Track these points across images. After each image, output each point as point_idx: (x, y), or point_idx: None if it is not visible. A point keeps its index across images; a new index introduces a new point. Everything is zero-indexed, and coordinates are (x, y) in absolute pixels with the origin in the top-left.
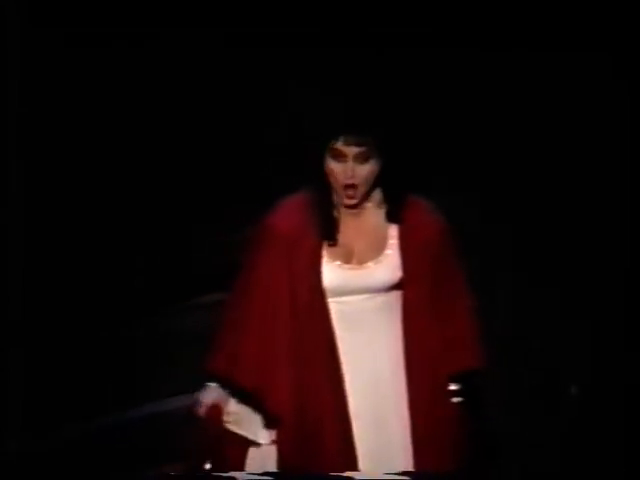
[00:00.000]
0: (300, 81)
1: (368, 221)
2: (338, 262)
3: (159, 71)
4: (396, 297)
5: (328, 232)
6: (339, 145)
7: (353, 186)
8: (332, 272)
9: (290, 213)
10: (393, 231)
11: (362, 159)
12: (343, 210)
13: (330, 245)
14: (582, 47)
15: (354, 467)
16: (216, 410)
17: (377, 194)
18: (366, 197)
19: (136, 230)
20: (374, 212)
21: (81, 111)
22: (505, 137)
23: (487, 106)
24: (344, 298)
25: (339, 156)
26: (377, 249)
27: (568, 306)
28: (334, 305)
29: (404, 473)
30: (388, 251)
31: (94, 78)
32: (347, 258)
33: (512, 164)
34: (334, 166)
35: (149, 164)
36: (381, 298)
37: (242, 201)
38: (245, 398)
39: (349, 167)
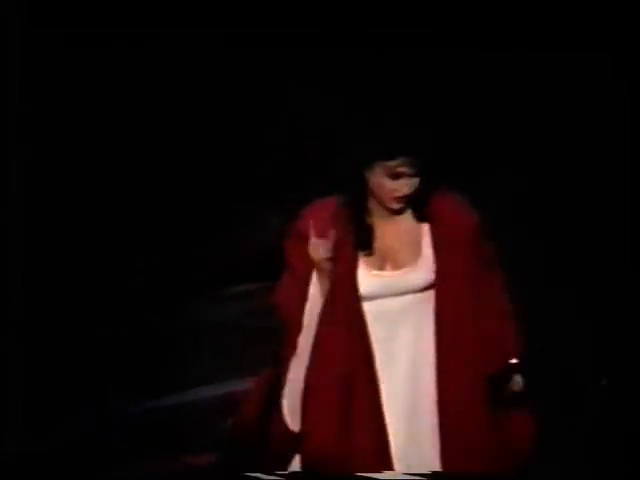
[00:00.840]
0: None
1: (402, 225)
2: (375, 271)
3: (160, 70)
4: (431, 295)
5: (365, 242)
6: (396, 165)
7: (404, 199)
8: (368, 280)
9: (324, 222)
10: (426, 231)
11: (415, 175)
12: (377, 216)
13: (366, 255)
14: (582, 47)
15: (389, 467)
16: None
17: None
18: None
19: (154, 222)
20: (407, 215)
21: (81, 110)
22: (510, 136)
23: (490, 109)
24: (380, 301)
25: (395, 175)
26: (412, 252)
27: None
28: (370, 307)
29: (430, 475)
30: (423, 253)
31: (95, 78)
32: (382, 265)
33: (517, 163)
34: (387, 182)
35: (149, 163)
36: (417, 297)
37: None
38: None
39: (403, 183)
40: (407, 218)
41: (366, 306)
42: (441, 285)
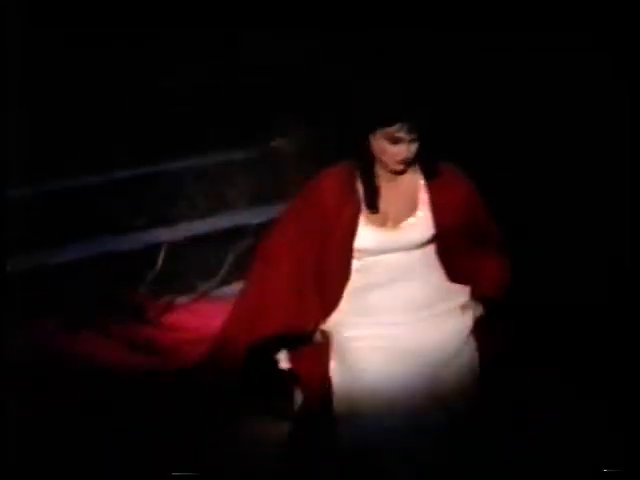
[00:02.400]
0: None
1: (403, 186)
2: (374, 226)
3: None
4: (430, 250)
5: (372, 202)
6: (396, 131)
7: (405, 162)
8: (370, 235)
9: (334, 183)
10: (424, 193)
11: (414, 141)
12: (383, 179)
13: (372, 212)
14: (583, 46)
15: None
16: None
17: (415, 168)
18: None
19: None
20: (408, 177)
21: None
22: (507, 136)
23: (490, 104)
24: (384, 256)
25: (396, 140)
26: (410, 210)
27: None
28: (376, 262)
29: None
30: (420, 212)
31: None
32: (383, 221)
33: (515, 163)
34: (389, 148)
35: None
36: (418, 252)
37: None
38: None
39: (404, 148)
40: (408, 182)
41: (373, 262)
42: (441, 240)
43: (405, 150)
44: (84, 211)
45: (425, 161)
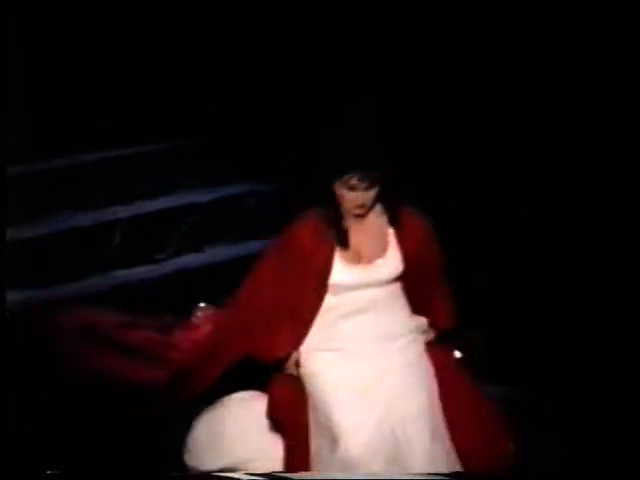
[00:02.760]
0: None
1: (371, 227)
2: (350, 264)
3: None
4: (397, 285)
5: (343, 240)
6: (353, 180)
7: (362, 207)
8: (345, 271)
9: (308, 226)
10: (391, 234)
11: (370, 188)
12: (350, 220)
13: (343, 249)
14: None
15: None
16: None
17: (377, 206)
18: (370, 212)
19: None
20: (376, 220)
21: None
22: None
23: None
24: (360, 291)
25: (352, 188)
26: (381, 250)
27: None
28: (353, 296)
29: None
30: (389, 252)
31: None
32: (358, 259)
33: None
34: (347, 194)
35: None
36: (387, 287)
37: None
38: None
39: (360, 195)
40: (376, 222)
41: (350, 296)
42: (408, 275)
43: (361, 197)
44: (50, 191)
45: (388, 205)
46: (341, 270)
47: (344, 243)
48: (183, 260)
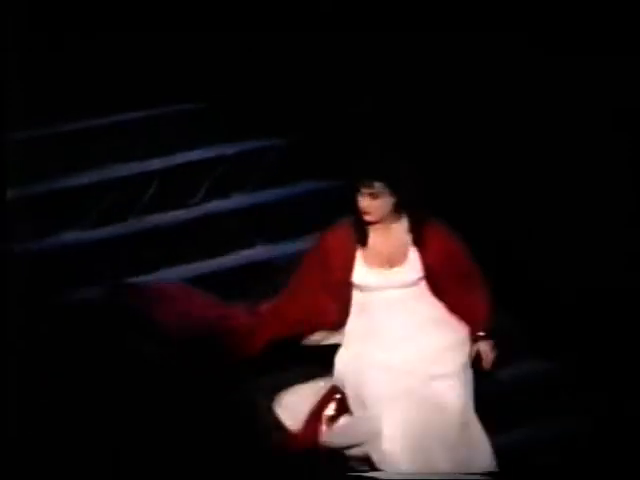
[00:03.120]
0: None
1: (392, 237)
2: (372, 267)
3: None
4: (422, 288)
5: (361, 240)
6: (360, 186)
7: (367, 213)
8: (367, 273)
9: (336, 233)
10: (412, 246)
11: (373, 197)
12: (374, 227)
13: (365, 253)
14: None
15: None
16: None
17: (404, 221)
18: (391, 220)
19: None
20: (398, 230)
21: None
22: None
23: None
24: (384, 292)
25: (362, 195)
26: (400, 258)
27: None
28: (379, 295)
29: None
30: (409, 261)
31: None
32: (380, 264)
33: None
34: (358, 200)
35: None
36: (415, 289)
37: None
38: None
39: (365, 202)
40: (397, 230)
41: (377, 296)
42: (428, 280)
43: (365, 204)
44: (96, 145)
45: (411, 218)
46: (361, 271)
47: (363, 245)
48: (211, 205)
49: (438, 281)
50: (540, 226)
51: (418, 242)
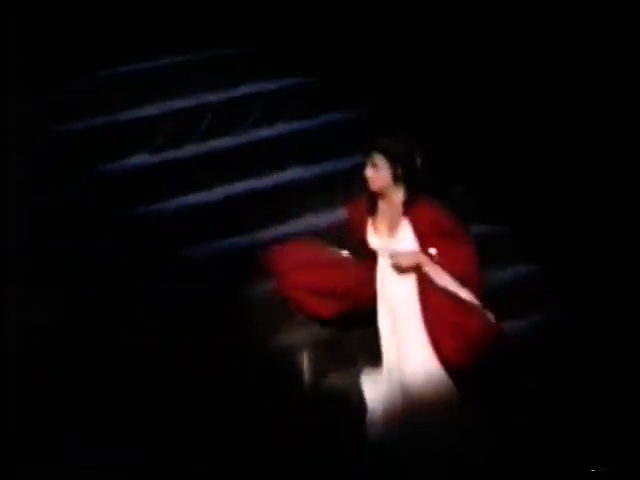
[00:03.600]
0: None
1: (390, 209)
2: (374, 234)
3: None
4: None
5: (369, 208)
6: (367, 158)
7: (368, 182)
8: (371, 239)
9: (356, 201)
10: (404, 219)
11: (374, 168)
12: (381, 200)
13: (373, 221)
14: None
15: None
16: None
17: (402, 192)
18: (392, 191)
19: None
20: (395, 204)
21: None
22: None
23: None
24: (387, 257)
25: (367, 165)
26: (393, 229)
27: None
28: (382, 259)
29: None
30: (401, 232)
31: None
32: (379, 232)
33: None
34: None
35: None
36: (415, 255)
37: None
38: None
39: (369, 172)
40: (394, 205)
41: (383, 259)
42: (422, 247)
43: (369, 173)
44: (159, 83)
45: (407, 193)
46: (369, 237)
47: (370, 214)
48: (255, 133)
49: (426, 240)
50: (540, 226)
51: (407, 212)
